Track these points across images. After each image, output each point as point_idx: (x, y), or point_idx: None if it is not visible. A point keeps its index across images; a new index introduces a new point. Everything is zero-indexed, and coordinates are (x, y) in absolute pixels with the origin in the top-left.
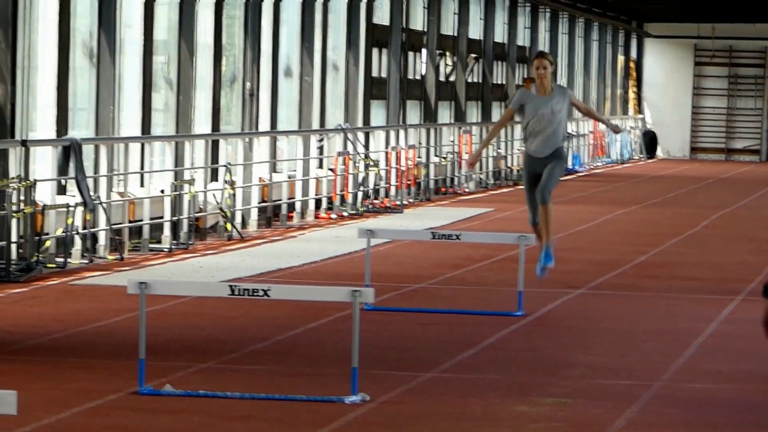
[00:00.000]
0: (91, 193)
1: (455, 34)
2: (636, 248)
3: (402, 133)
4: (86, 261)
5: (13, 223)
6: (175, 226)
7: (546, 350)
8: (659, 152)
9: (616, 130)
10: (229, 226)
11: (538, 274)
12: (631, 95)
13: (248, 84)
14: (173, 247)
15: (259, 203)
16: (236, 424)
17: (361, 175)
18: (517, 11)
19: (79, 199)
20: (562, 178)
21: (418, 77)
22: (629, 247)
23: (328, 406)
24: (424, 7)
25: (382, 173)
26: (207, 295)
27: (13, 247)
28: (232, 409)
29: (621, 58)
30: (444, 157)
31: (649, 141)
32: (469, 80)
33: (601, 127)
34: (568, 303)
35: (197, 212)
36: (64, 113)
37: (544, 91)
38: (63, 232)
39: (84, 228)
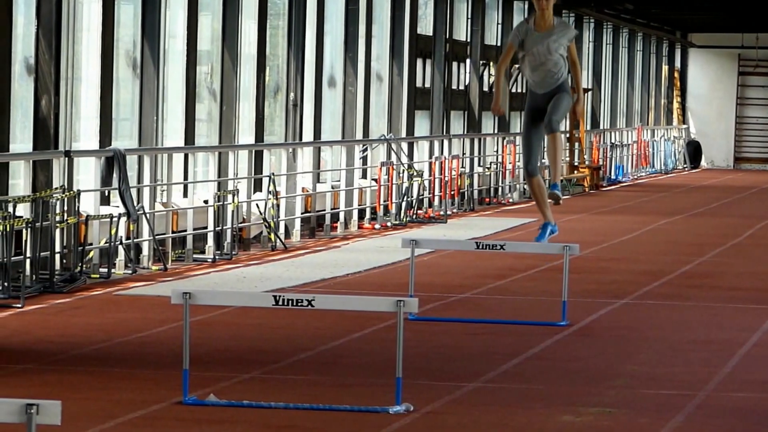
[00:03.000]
0: (135, 204)
1: (499, 44)
2: (680, 258)
3: (446, 143)
4: (130, 271)
5: (57, 233)
6: (219, 237)
7: (590, 360)
8: (703, 162)
9: (574, 114)
10: (272, 236)
11: (540, 239)
12: (675, 105)
13: (292, 94)
14: (217, 257)
15: (303, 213)
16: None
17: (404, 185)
18: None
19: (122, 209)
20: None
21: (461, 87)
22: (673, 257)
23: (372, 416)
24: (467, 18)
25: (426, 183)
26: (251, 305)
27: (57, 257)
28: (276, 419)
29: (665, 68)
30: (488, 167)
31: (693, 151)
32: (513, 90)
33: (645, 136)
34: (612, 313)
35: (241, 222)
36: (107, 124)
37: (544, 25)
38: (106, 242)
39: (128, 238)
